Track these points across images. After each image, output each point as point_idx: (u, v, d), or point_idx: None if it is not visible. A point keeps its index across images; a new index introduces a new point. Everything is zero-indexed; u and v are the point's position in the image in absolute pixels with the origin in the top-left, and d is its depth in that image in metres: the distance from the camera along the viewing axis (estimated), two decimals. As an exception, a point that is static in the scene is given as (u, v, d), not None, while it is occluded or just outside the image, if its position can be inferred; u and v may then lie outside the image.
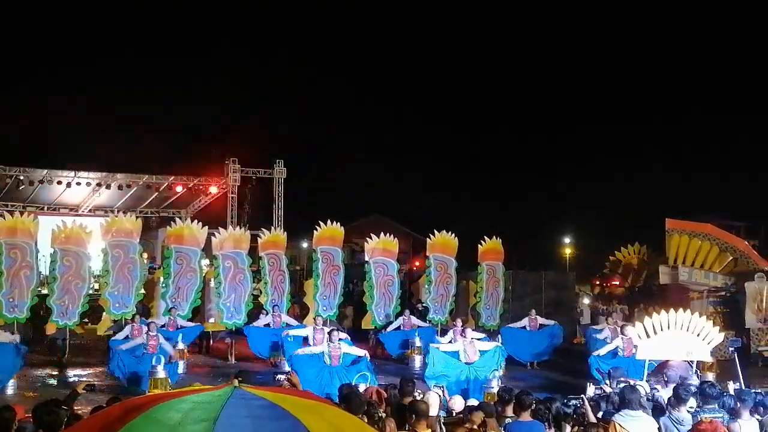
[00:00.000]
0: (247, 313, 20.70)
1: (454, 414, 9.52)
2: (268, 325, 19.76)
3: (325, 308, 21.24)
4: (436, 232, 22.82)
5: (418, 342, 20.18)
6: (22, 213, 20.78)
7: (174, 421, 3.77)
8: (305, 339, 17.48)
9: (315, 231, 21.93)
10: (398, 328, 20.76)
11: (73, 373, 17.91)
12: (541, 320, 21.09)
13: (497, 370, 15.67)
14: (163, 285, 20.16)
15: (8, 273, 18.34)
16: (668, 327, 12.86)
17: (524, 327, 20.87)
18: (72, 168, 28.52)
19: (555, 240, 48.29)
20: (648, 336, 13.00)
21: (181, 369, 17.65)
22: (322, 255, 21.68)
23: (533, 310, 21.39)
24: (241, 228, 22.19)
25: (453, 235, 22.80)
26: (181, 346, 18.17)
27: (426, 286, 22.36)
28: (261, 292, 21.20)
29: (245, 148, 33.94)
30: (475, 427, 8.63)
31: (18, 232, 18.77)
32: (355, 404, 8.54)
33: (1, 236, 18.67)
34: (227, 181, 30.40)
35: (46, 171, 28.00)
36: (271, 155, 31.64)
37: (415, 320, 21.08)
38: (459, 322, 18.83)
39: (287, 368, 16.11)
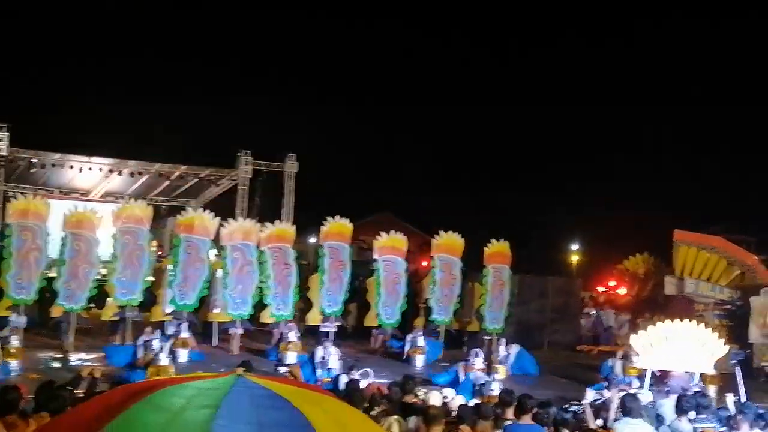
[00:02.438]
0: (254, 305, 20.73)
1: (452, 414, 9.55)
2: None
3: (330, 304, 21.21)
4: (442, 232, 22.83)
5: (421, 341, 20.22)
6: (34, 196, 20.87)
7: (176, 407, 3.81)
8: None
9: (322, 226, 21.95)
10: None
11: (77, 357, 17.99)
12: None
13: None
14: (171, 273, 20.20)
15: (17, 254, 18.40)
16: (673, 337, 12.89)
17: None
18: (85, 153, 28.64)
19: (562, 246, 48.17)
20: (652, 345, 13.03)
21: (184, 357, 17.77)
22: (329, 250, 21.64)
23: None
24: (250, 220, 22.22)
25: (459, 235, 22.80)
26: (185, 334, 18.27)
27: (431, 287, 22.34)
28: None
29: (258, 140, 34.04)
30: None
31: (30, 215, 18.85)
32: (357, 399, 8.60)
33: (14, 218, 18.79)
34: (239, 173, 30.49)
35: (59, 155, 28.14)
36: (284, 148, 31.73)
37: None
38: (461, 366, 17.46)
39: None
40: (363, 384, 11.73)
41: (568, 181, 51.67)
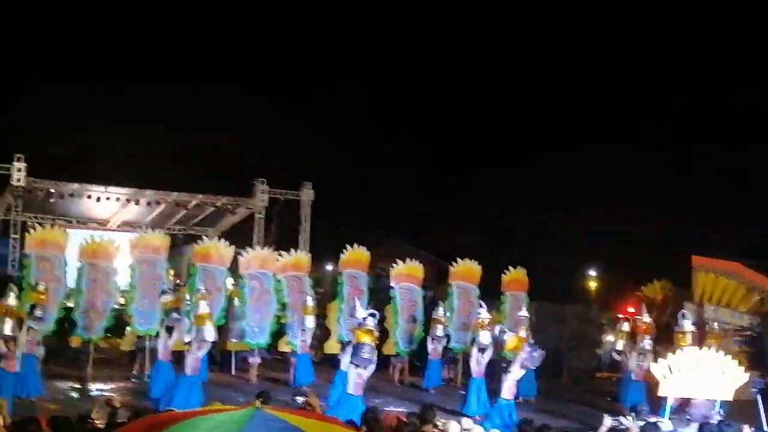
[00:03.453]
0: (272, 333, 20.69)
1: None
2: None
3: (348, 332, 21.16)
4: (459, 259, 22.83)
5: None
6: (52, 226, 20.98)
7: (196, 440, 3.81)
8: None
9: (341, 254, 21.99)
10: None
11: (96, 387, 18.00)
12: None
13: None
14: (188, 303, 20.18)
15: (36, 285, 18.45)
16: (693, 365, 12.79)
17: None
18: (103, 183, 28.81)
19: (578, 272, 47.98)
20: (672, 373, 12.93)
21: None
22: (348, 278, 21.69)
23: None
24: (267, 249, 22.26)
25: (476, 263, 22.78)
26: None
27: (448, 314, 22.23)
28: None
29: (274, 169, 34.10)
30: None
31: (48, 245, 18.96)
32: (377, 430, 8.57)
33: (32, 248, 18.88)
34: (255, 202, 30.57)
35: (76, 185, 28.29)
36: (300, 177, 31.87)
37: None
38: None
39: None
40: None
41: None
